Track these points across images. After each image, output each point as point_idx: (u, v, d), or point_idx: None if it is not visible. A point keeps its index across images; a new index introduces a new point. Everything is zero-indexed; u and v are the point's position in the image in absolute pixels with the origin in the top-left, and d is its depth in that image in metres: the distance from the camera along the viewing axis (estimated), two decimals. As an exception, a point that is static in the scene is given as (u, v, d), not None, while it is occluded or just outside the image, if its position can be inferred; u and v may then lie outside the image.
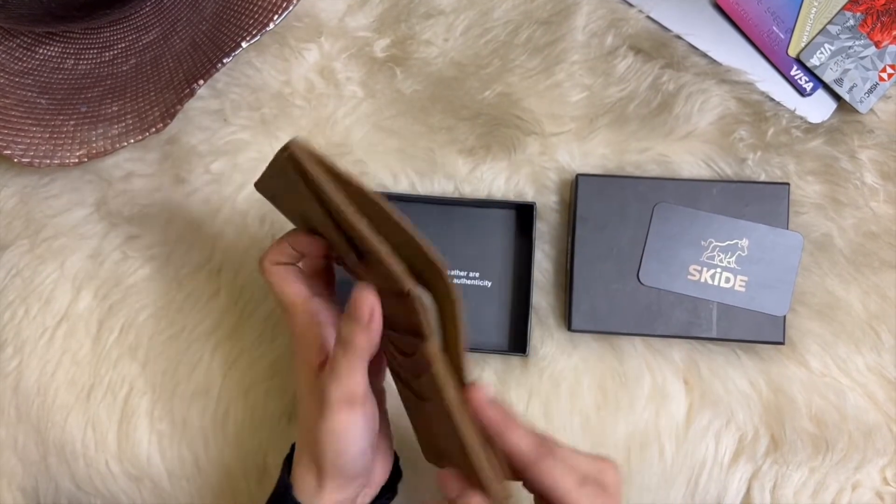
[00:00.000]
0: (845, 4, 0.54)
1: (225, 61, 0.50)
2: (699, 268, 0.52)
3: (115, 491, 0.55)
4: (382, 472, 0.43)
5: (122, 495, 0.55)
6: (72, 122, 0.53)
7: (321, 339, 0.41)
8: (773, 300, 0.51)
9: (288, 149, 0.33)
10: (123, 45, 0.57)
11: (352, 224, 0.34)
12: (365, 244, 0.34)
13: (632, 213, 0.52)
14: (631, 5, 0.55)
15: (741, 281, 0.51)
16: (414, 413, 0.43)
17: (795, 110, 0.55)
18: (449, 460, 0.41)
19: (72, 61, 0.57)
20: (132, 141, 0.52)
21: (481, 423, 0.37)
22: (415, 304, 0.34)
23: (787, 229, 0.51)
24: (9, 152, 0.52)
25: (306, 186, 0.35)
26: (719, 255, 0.52)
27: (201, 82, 0.51)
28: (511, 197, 0.55)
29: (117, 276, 0.56)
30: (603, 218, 0.52)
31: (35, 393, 0.55)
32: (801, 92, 0.55)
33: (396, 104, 0.56)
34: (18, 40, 0.56)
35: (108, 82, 0.55)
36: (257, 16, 0.51)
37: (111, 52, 0.57)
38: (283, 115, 0.56)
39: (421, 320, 0.35)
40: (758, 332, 0.51)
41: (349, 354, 0.37)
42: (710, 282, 0.51)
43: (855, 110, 0.54)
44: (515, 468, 0.38)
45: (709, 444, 0.53)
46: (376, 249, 0.34)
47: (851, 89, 0.54)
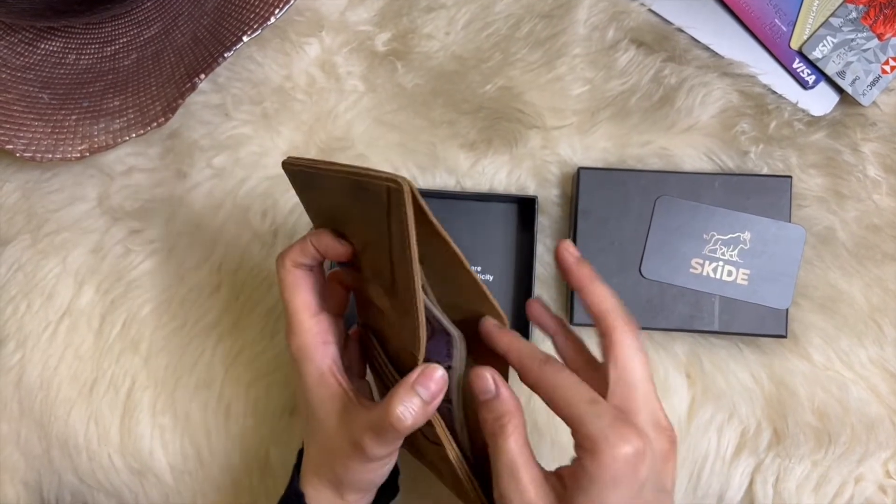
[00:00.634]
0: (848, -3, 0.54)
1: (226, 55, 0.50)
2: (701, 261, 0.51)
3: (117, 485, 0.55)
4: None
5: (124, 489, 0.55)
6: (74, 117, 0.53)
7: (332, 357, 0.40)
8: (775, 293, 0.51)
9: (397, 183, 0.32)
10: (125, 39, 0.57)
11: (412, 275, 0.33)
12: (408, 299, 0.34)
13: (633, 206, 0.52)
14: (632, -2, 0.55)
15: (743, 274, 0.51)
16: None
17: (798, 103, 0.54)
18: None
19: (73, 56, 0.57)
20: (134, 135, 0.52)
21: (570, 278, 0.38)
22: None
23: (790, 222, 0.51)
24: (11, 147, 0.52)
25: (388, 217, 0.33)
26: (721, 249, 0.52)
27: (203, 76, 0.51)
28: (513, 191, 0.55)
29: (119, 270, 0.56)
30: (605, 211, 0.52)
31: (38, 387, 0.56)
32: (804, 85, 0.55)
33: (398, 98, 0.56)
34: (20, 35, 0.56)
35: (110, 77, 0.55)
36: (258, 10, 0.51)
37: (113, 47, 0.57)
38: (285, 109, 0.56)
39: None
40: (760, 326, 0.51)
41: (399, 429, 0.35)
42: (712, 275, 0.51)
43: (857, 103, 0.54)
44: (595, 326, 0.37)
45: (711, 437, 0.53)
46: (416, 309, 0.34)
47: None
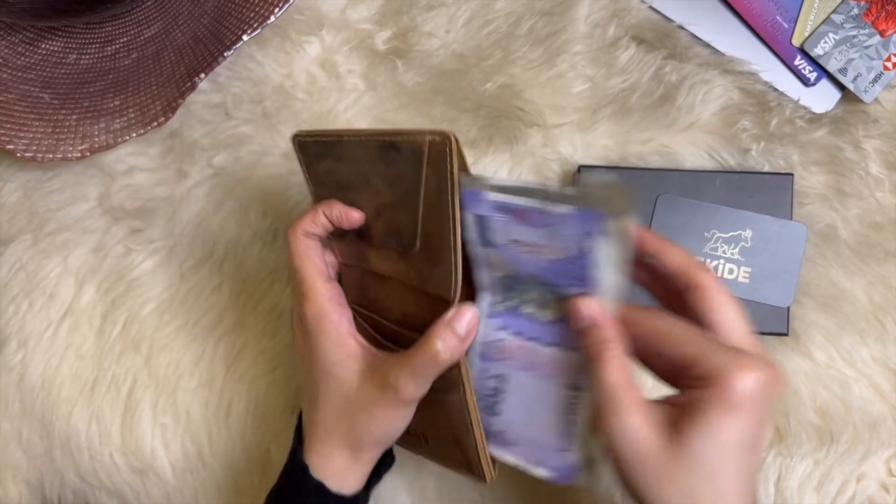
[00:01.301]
0: (849, -7, 0.54)
1: (226, 54, 0.50)
2: (702, 259, 0.51)
3: (119, 483, 0.55)
4: None
5: (126, 488, 0.55)
6: (74, 117, 0.54)
7: (349, 319, 0.41)
8: (777, 291, 0.51)
9: (441, 135, 0.36)
10: (125, 39, 0.57)
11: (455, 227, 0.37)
12: (443, 245, 0.37)
13: (634, 204, 0.52)
14: (633, -4, 0.55)
15: (745, 272, 0.51)
16: None
17: (799, 100, 0.54)
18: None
19: (74, 56, 0.57)
20: (134, 135, 0.52)
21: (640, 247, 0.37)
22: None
23: (791, 220, 0.51)
24: (12, 147, 0.52)
25: (423, 169, 0.37)
26: (723, 247, 0.51)
27: (203, 76, 0.51)
28: (513, 189, 0.55)
29: (120, 269, 0.56)
30: (605, 209, 0.52)
31: (39, 387, 0.56)
32: (805, 82, 0.54)
33: (398, 97, 0.56)
34: (21, 35, 0.56)
35: (111, 77, 0.55)
36: (258, 9, 0.51)
37: (113, 47, 0.57)
38: (285, 108, 0.56)
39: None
40: (762, 324, 0.51)
41: (438, 362, 0.38)
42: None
43: (859, 100, 0.54)
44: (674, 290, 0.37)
45: (713, 436, 0.53)
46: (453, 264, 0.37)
47: (856, 79, 0.53)
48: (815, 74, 0.54)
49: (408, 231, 0.39)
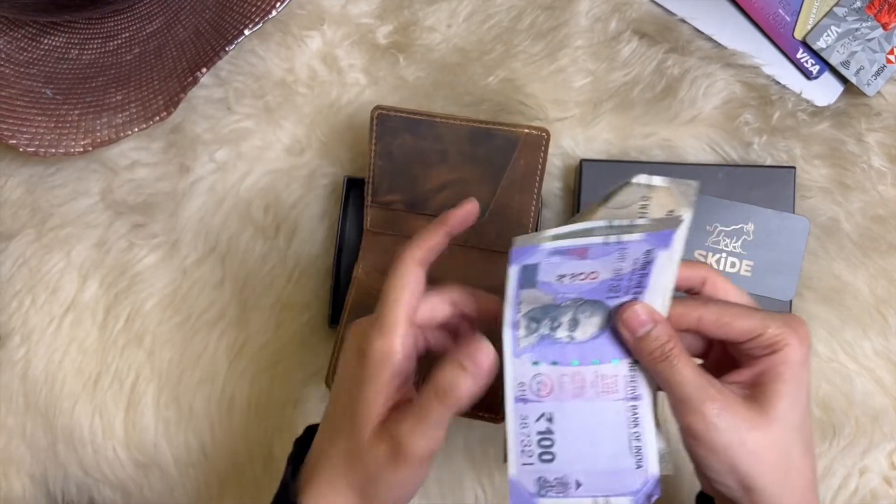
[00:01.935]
0: (852, -14, 0.53)
1: (228, 49, 0.50)
2: (704, 252, 0.51)
3: (122, 477, 0.55)
4: None
5: (129, 482, 0.55)
6: (76, 112, 0.54)
7: (407, 375, 0.36)
8: (779, 285, 0.51)
9: (541, 130, 0.47)
10: (127, 34, 0.57)
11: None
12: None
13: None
14: (635, -11, 0.55)
15: (747, 265, 0.51)
16: None
17: (801, 93, 0.54)
18: None
19: (76, 51, 0.57)
20: (136, 130, 0.52)
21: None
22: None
23: (794, 213, 0.51)
24: (14, 142, 0.52)
25: (512, 157, 0.47)
26: (725, 240, 0.51)
27: (204, 70, 0.51)
28: (515, 183, 0.55)
29: (123, 264, 0.56)
30: (607, 203, 0.52)
31: (43, 381, 0.56)
32: (808, 75, 0.54)
33: (399, 91, 0.56)
34: (23, 31, 0.57)
35: (113, 72, 0.55)
36: (260, 3, 0.51)
37: (115, 42, 0.57)
38: (287, 102, 0.56)
39: None
40: (764, 317, 0.51)
41: (446, 404, 0.33)
42: (715, 266, 0.51)
43: (862, 93, 0.54)
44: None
45: (715, 429, 0.53)
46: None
47: (858, 72, 0.53)
48: (817, 67, 0.54)
49: (480, 203, 0.39)
